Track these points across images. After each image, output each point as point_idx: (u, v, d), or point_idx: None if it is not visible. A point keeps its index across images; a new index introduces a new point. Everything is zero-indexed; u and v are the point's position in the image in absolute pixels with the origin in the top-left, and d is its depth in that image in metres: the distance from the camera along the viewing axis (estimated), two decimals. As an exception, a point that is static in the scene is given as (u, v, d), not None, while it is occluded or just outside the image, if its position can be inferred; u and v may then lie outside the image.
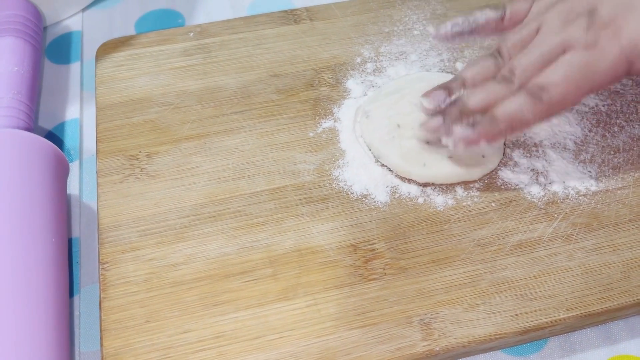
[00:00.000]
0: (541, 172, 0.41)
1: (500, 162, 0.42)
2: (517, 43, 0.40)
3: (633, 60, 0.37)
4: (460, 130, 0.38)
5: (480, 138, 0.37)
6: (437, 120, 0.39)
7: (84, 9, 0.54)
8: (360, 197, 0.40)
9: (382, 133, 0.42)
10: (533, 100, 0.37)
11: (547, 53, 0.38)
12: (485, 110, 0.38)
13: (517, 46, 0.40)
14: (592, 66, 0.37)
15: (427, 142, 0.41)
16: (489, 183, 0.41)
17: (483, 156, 0.41)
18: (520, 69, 0.38)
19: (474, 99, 0.39)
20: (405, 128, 0.41)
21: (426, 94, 0.40)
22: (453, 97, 0.40)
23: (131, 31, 0.53)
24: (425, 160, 0.40)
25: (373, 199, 0.40)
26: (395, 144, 0.41)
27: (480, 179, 0.41)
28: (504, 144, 0.42)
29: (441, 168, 0.40)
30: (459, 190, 0.40)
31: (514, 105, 0.37)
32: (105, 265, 0.37)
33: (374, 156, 0.42)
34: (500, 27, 0.42)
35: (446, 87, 0.40)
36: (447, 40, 0.42)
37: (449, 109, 0.39)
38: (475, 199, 0.40)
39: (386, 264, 0.37)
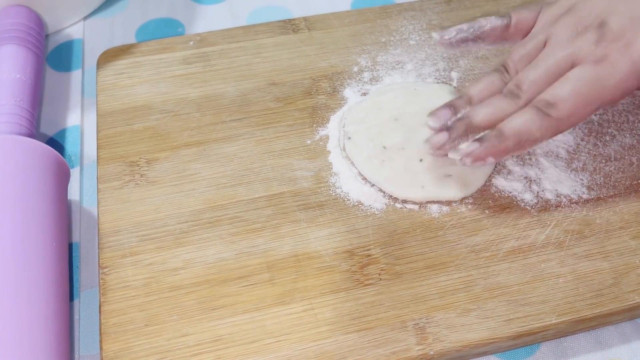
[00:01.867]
0: (534, 180, 0.42)
1: (494, 170, 0.42)
2: (524, 56, 0.39)
3: None
4: (467, 145, 0.37)
5: (487, 154, 0.37)
6: (443, 136, 0.38)
7: (85, 18, 0.55)
8: (356, 203, 0.41)
9: (370, 157, 0.41)
10: (541, 116, 0.36)
11: (555, 67, 0.37)
12: (491, 126, 0.37)
13: (523, 60, 0.39)
14: (602, 81, 0.36)
15: (420, 160, 0.40)
16: (483, 190, 0.41)
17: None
18: (526, 83, 0.37)
19: (480, 114, 0.38)
20: (392, 149, 0.41)
21: (432, 113, 0.39)
22: (459, 115, 0.39)
23: (132, 39, 0.54)
24: (423, 181, 0.40)
25: (369, 205, 0.41)
26: (385, 167, 0.41)
27: (474, 187, 0.42)
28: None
29: (441, 187, 0.40)
30: (454, 198, 0.41)
31: (522, 120, 0.37)
32: (105, 270, 0.37)
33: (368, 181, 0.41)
34: (505, 35, 0.41)
35: (452, 105, 0.39)
36: (451, 46, 0.41)
37: (455, 124, 0.38)
38: (470, 206, 0.41)
39: (382, 270, 0.38)
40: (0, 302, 0.34)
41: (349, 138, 0.42)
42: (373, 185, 0.41)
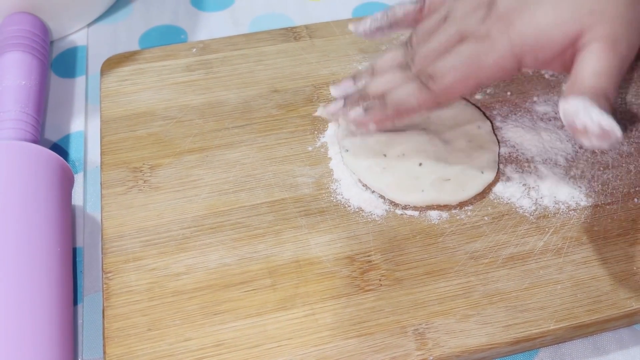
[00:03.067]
0: (533, 187, 0.42)
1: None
2: (426, 31, 0.40)
3: (522, 55, 0.36)
4: (353, 112, 0.40)
5: (368, 121, 0.40)
6: (337, 104, 0.42)
7: (89, 24, 0.55)
8: (357, 210, 0.41)
9: (370, 165, 0.41)
10: (420, 87, 0.38)
11: (446, 42, 0.38)
12: (382, 96, 0.40)
13: (425, 35, 0.40)
14: (480, 58, 0.37)
15: (420, 164, 0.41)
16: (482, 197, 0.42)
17: (482, 172, 0.42)
18: (419, 56, 0.39)
19: (374, 85, 0.40)
20: (392, 157, 0.41)
21: (334, 83, 0.43)
22: (359, 84, 0.42)
23: (135, 46, 0.54)
24: (423, 185, 0.41)
25: (370, 212, 0.41)
26: (387, 174, 0.41)
27: (473, 193, 0.42)
28: (498, 159, 0.43)
29: (440, 191, 0.41)
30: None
31: (403, 92, 0.39)
32: (109, 275, 0.38)
33: (369, 188, 0.42)
34: (420, 18, 0.42)
35: (354, 76, 0.43)
36: (367, 36, 0.44)
37: (351, 94, 0.42)
38: (469, 213, 0.41)
39: (382, 276, 0.38)
40: (5, 306, 0.34)
41: (347, 151, 0.43)
42: (374, 192, 0.42)
